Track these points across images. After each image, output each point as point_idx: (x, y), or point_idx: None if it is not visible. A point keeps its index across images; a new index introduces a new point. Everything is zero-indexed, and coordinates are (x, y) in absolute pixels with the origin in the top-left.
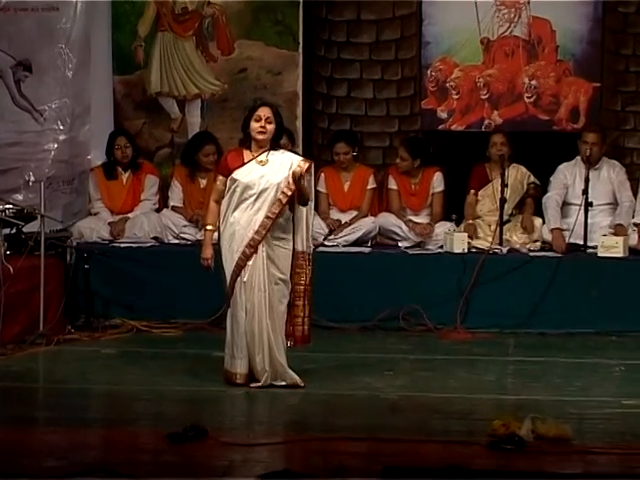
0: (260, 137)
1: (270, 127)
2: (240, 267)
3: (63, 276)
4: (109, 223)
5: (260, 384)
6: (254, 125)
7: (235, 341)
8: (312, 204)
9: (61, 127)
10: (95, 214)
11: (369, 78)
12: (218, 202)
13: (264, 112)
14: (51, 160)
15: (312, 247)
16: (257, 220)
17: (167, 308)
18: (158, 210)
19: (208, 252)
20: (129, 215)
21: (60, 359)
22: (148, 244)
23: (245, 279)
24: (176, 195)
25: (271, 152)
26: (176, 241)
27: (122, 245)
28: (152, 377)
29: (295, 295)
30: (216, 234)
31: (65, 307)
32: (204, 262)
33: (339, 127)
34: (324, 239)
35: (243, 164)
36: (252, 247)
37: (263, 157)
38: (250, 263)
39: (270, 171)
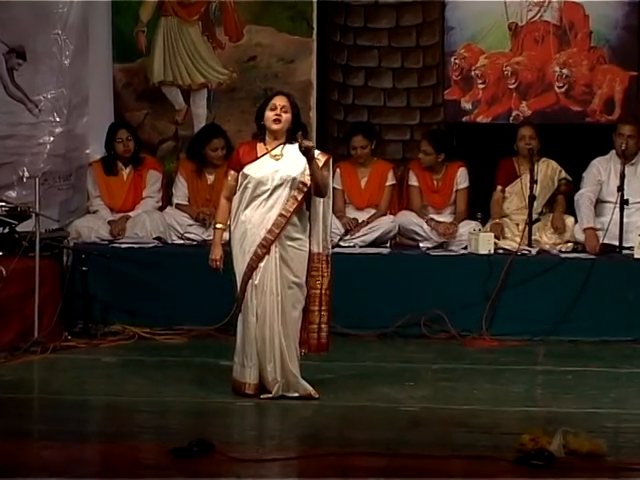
0: (275, 127)
1: (286, 116)
2: (252, 269)
3: (59, 279)
4: (109, 222)
5: (271, 395)
6: (269, 114)
7: (245, 348)
8: (330, 201)
9: (57, 119)
10: (94, 212)
11: (388, 66)
12: (229, 199)
13: (280, 101)
14: (47, 154)
15: (330, 248)
16: (270, 218)
17: (171, 313)
18: (161, 208)
19: (217, 252)
20: (130, 213)
21: (56, 368)
22: (150, 244)
23: (256, 282)
24: (181, 192)
25: (287, 145)
26: (181, 241)
27: (123, 246)
28: (155, 387)
29: (310, 300)
30: (226, 234)
31: (61, 312)
32: (213, 263)
33: (356, 119)
34: (340, 239)
35: (256, 158)
36: (264, 247)
37: (278, 151)
38: (262, 265)
39: (285, 165)
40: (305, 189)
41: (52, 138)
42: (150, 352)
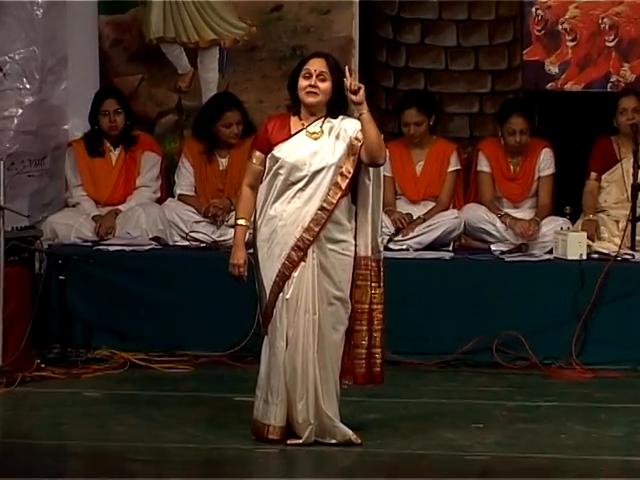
0: (309, 100)
1: (324, 86)
2: (283, 279)
3: (30, 291)
4: (93, 218)
5: (301, 441)
6: (302, 83)
7: (270, 381)
8: (381, 192)
9: (27, 86)
10: (74, 206)
11: (451, 18)
12: (254, 188)
13: (316, 65)
14: (13, 131)
15: (382, 251)
16: (308, 213)
17: (172, 335)
18: (160, 200)
19: (241, 255)
20: (120, 207)
21: (26, 405)
22: (147, 247)
23: (288, 295)
24: (186, 180)
25: (328, 120)
26: (185, 243)
27: (111, 248)
28: (152, 430)
29: (356, 318)
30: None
31: (32, 333)
32: (235, 269)
33: (409, 86)
34: (389, 240)
35: (289, 137)
36: (301, 250)
37: (316, 127)
38: (296, 275)
39: (325, 146)
40: (350, 175)
41: (20, 110)
42: (145, 384)
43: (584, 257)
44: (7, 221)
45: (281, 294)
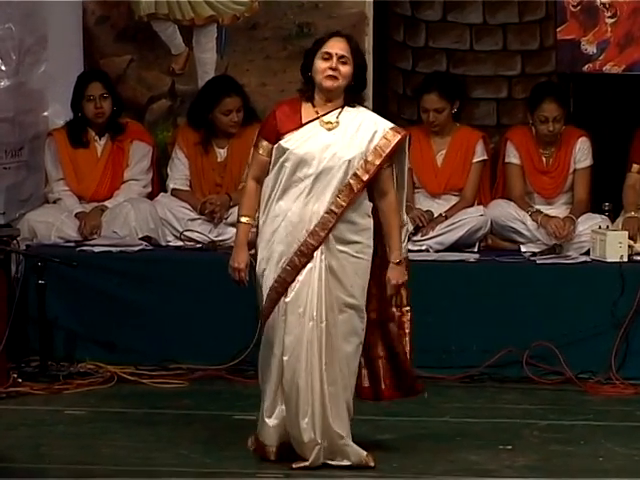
0: (329, 84)
1: (345, 70)
2: (284, 285)
3: (5, 297)
4: (76, 215)
5: (308, 463)
6: (321, 65)
7: (266, 393)
8: (404, 191)
9: (3, 68)
10: (55, 202)
11: None
12: (259, 181)
13: (338, 46)
14: None
15: (405, 250)
16: (314, 215)
17: (165, 347)
18: (151, 196)
19: (242, 257)
20: (106, 203)
21: (1, 423)
22: (136, 247)
23: (288, 299)
24: (180, 173)
25: (345, 109)
26: (179, 243)
27: (96, 249)
28: (142, 452)
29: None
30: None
31: (9, 344)
32: (235, 273)
33: (430, 69)
34: (407, 240)
35: (300, 125)
36: (304, 256)
37: (332, 117)
38: (300, 278)
39: (340, 139)
40: (365, 178)
41: None
42: (136, 401)
43: (625, 259)
44: None
45: (281, 299)
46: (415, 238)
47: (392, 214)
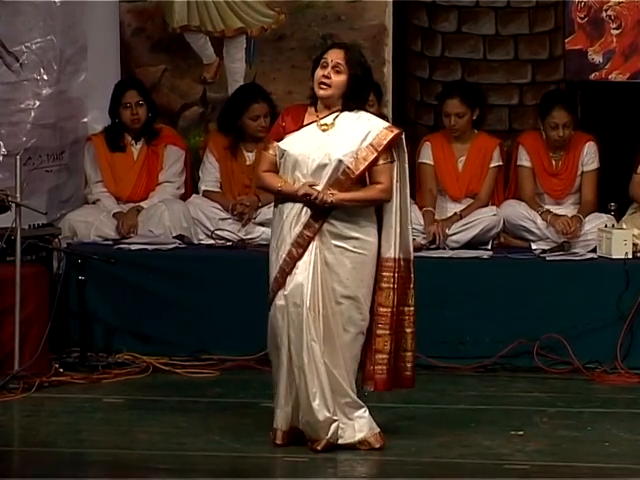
0: (321, 92)
1: (337, 79)
2: (284, 275)
3: (48, 292)
4: (114, 215)
5: (327, 437)
6: (317, 73)
7: (277, 382)
8: (407, 190)
9: (45, 77)
10: (94, 202)
11: (489, 5)
12: (271, 172)
13: (334, 55)
14: (30, 124)
15: (412, 252)
16: (308, 209)
17: (197, 339)
18: (184, 197)
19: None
20: (142, 204)
21: (43, 411)
22: (170, 245)
23: (287, 291)
24: (211, 175)
25: (343, 114)
26: (210, 241)
27: (133, 247)
28: (176, 438)
29: (378, 322)
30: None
31: (51, 337)
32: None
33: (446, 77)
34: (420, 247)
35: (300, 127)
36: (301, 247)
37: (328, 119)
38: (297, 271)
39: (333, 140)
40: (354, 175)
41: (38, 103)
42: (169, 390)
43: (629, 256)
44: (24, 219)
45: (280, 290)
46: (431, 246)
47: (371, 187)
